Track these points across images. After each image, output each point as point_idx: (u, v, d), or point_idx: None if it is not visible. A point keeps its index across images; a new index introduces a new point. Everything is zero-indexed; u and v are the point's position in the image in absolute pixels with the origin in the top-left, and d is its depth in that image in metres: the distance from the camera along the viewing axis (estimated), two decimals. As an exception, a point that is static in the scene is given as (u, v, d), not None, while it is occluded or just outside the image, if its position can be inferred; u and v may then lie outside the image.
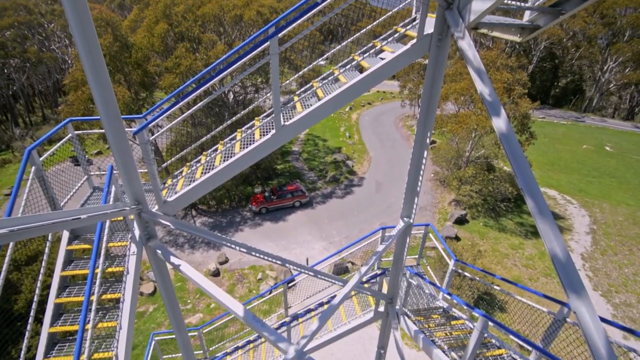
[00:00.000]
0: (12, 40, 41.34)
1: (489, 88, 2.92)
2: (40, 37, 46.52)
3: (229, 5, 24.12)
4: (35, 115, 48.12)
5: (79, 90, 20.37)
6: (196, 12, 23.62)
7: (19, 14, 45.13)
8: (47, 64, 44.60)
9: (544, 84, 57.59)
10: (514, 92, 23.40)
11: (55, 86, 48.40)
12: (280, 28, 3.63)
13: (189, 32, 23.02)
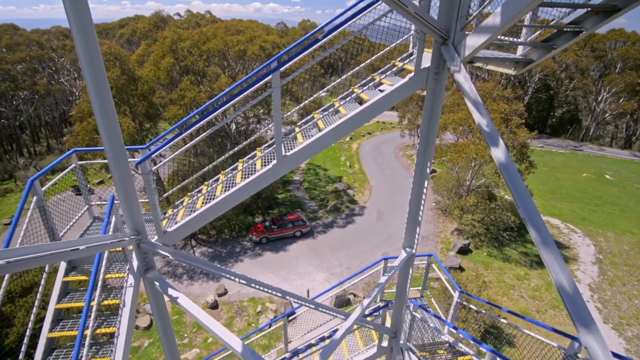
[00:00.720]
0: (22, 74, 42.77)
1: (486, 119, 2.97)
2: (50, 71, 48.15)
3: (233, 41, 25.12)
4: (40, 145, 48.87)
5: (85, 121, 20.80)
6: (202, 47, 24.58)
7: (31, 49, 47.01)
8: (55, 96, 45.88)
9: (541, 114, 58.67)
10: (512, 122, 23.81)
11: (62, 117, 49.49)
12: (282, 63, 3.76)
13: (194, 66, 23.83)
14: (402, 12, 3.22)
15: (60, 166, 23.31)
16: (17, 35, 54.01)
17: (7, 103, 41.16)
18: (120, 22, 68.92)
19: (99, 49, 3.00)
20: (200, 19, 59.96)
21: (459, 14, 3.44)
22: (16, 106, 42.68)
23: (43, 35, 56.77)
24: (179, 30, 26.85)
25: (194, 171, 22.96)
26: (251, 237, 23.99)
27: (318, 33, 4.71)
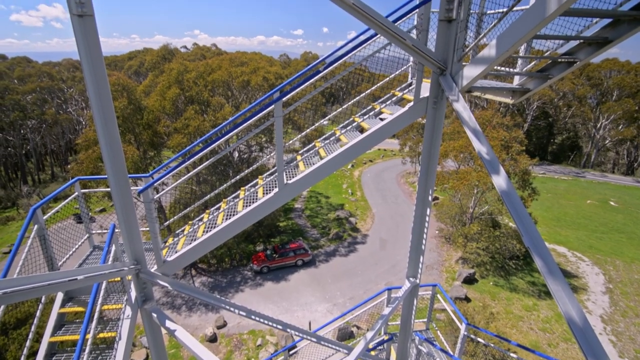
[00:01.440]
0: (32, 104, 43.99)
1: (486, 147, 3.00)
2: (59, 101, 49.53)
3: (237, 72, 25.92)
4: (44, 173, 49.39)
5: (90, 149, 21.12)
6: (207, 78, 25.33)
7: (42, 80, 48.62)
8: (62, 125, 46.92)
9: (541, 141, 59.18)
10: (512, 149, 23.98)
11: (68, 145, 50.35)
12: (284, 93, 3.85)
13: (199, 96, 24.45)
14: (400, 45, 3.33)
15: (63, 194, 23.41)
16: (30, 67, 56.04)
17: (15, 132, 42.06)
18: (129, 55, 71.61)
19: (107, 80, 3.09)
20: (206, 52, 62.19)
21: (455, 46, 3.55)
22: (24, 135, 43.57)
23: (54, 67, 58.91)
24: (185, 62, 27.79)
25: (196, 199, 22.97)
26: (252, 266, 23.60)
27: (320, 65, 4.86)
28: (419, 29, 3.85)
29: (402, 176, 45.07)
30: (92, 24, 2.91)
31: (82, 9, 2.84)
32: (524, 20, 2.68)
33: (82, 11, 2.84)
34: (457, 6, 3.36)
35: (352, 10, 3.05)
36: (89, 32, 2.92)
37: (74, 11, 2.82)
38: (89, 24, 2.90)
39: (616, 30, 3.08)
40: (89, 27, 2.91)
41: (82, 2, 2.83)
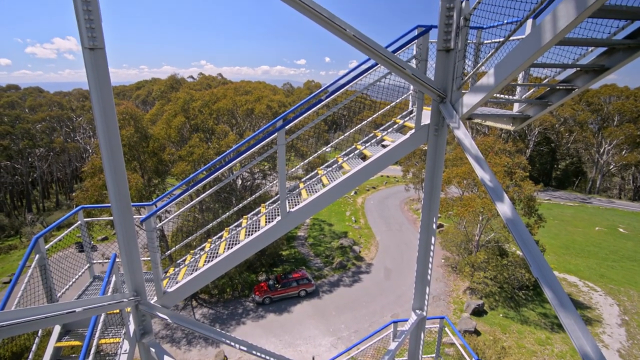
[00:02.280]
0: (41, 132, 45.00)
1: (489, 174, 2.98)
2: (68, 129, 50.66)
3: (242, 100, 26.55)
4: (49, 201, 49.69)
5: (96, 177, 21.32)
6: (212, 106, 25.92)
7: (52, 109, 49.98)
8: (70, 153, 47.72)
9: (544, 167, 59.09)
10: (516, 175, 23.91)
11: (74, 173, 50.96)
12: (287, 121, 3.91)
13: (204, 124, 24.93)
14: (400, 74, 3.40)
15: (66, 222, 23.41)
16: (41, 97, 57.80)
17: (23, 160, 42.76)
18: (137, 85, 73.90)
19: (114, 110, 3.17)
20: (211, 81, 64.06)
21: (454, 75, 3.62)
22: (31, 163, 44.26)
23: (64, 97, 60.69)
24: (191, 92, 28.57)
25: (198, 227, 22.85)
26: (254, 297, 23.04)
27: (322, 93, 4.96)
28: (418, 58, 3.95)
29: (406, 203, 44.82)
30: (103, 56, 3.02)
31: (94, 43, 2.96)
32: (521, 50, 2.74)
33: (94, 44, 2.96)
34: (454, 37, 3.46)
35: (353, 42, 3.15)
36: (99, 64, 3.02)
37: (85, 44, 2.93)
38: (99, 56, 3.01)
39: (612, 58, 3.14)
40: (99, 59, 3.01)
41: (94, 35, 2.95)
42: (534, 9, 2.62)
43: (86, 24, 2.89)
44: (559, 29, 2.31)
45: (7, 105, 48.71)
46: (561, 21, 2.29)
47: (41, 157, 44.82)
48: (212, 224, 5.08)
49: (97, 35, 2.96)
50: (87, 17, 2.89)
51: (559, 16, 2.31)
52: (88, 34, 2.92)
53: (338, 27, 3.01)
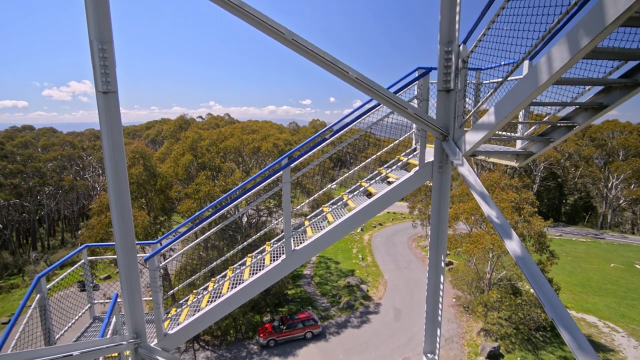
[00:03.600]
0: (52, 171, 45.97)
1: (495, 211, 2.95)
2: (78, 168, 51.74)
3: (249, 139, 27.17)
4: (54, 239, 49.69)
5: (103, 215, 21.45)
6: (219, 145, 26.52)
7: (64, 149, 51.40)
8: (78, 191, 48.37)
9: (552, 202, 58.31)
10: (524, 210, 23.57)
11: (81, 211, 51.33)
12: (292, 160, 3.97)
13: (211, 162, 25.37)
14: (402, 114, 3.49)
15: (70, 260, 23.25)
16: (54, 136, 59.71)
17: (32, 198, 43.34)
18: (147, 125, 76.33)
19: (123, 151, 3.26)
20: (219, 121, 65.99)
21: (455, 114, 3.71)
22: (39, 201, 44.80)
23: (77, 137, 62.63)
24: (199, 131, 29.39)
25: (202, 266, 22.51)
26: (258, 340, 22.11)
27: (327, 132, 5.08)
28: (420, 98, 4.08)
29: (414, 240, 44.04)
30: (115, 99, 3.17)
31: (107, 87, 3.11)
32: (519, 90, 2.82)
33: (107, 88, 3.12)
34: (454, 78, 3.59)
35: (356, 84, 3.28)
36: (111, 106, 3.16)
37: (99, 88, 3.09)
38: (112, 99, 3.16)
39: (610, 96, 3.21)
40: (112, 102, 3.16)
41: (107, 80, 3.11)
42: (529, 51, 2.74)
43: (101, 69, 3.06)
44: (554, 69, 2.38)
45: (20, 145, 50.32)
46: (556, 62, 2.38)
47: (50, 195, 45.48)
48: (217, 262, 5.02)
49: (111, 79, 3.13)
50: (102, 63, 3.07)
51: (553, 58, 2.40)
52: (102, 79, 3.08)
53: (341, 71, 3.14)
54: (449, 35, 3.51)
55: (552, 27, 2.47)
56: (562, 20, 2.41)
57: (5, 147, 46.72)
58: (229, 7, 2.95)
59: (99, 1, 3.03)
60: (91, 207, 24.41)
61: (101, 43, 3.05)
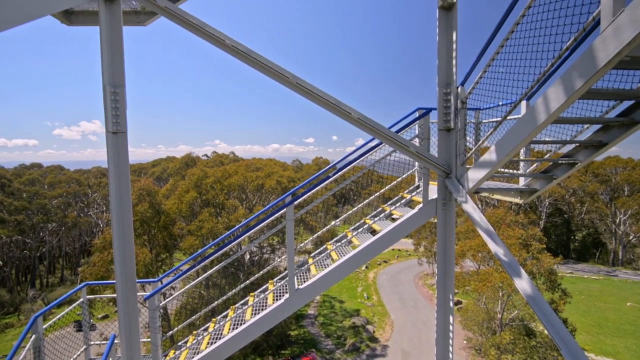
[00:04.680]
0: (56, 207, 46.17)
1: (502, 248, 2.91)
2: (82, 204, 51.97)
3: (252, 176, 27.43)
4: (54, 276, 48.88)
5: (106, 252, 21.27)
6: (224, 182, 26.76)
7: (70, 186, 51.95)
8: (81, 228, 48.25)
9: (560, 238, 57.13)
10: (532, 247, 23.08)
11: (82, 247, 50.89)
12: (296, 197, 4.00)
13: (215, 199, 25.47)
14: (404, 152, 3.56)
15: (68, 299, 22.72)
16: (61, 174, 60.58)
17: (34, 234, 43.21)
18: (153, 163, 77.57)
19: (129, 189, 3.31)
20: (224, 159, 66.94)
21: (457, 152, 3.77)
22: (42, 237, 44.62)
23: (83, 174, 63.50)
24: (205, 169, 29.79)
25: (203, 305, 21.88)
26: (259, 384, 20.97)
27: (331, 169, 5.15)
28: (421, 137, 4.17)
29: (420, 278, 42.87)
30: (124, 139, 3.27)
31: (117, 127, 3.23)
32: (518, 129, 2.88)
33: (117, 129, 3.23)
34: (453, 117, 3.69)
35: (358, 124, 3.37)
36: (120, 146, 3.26)
37: (109, 129, 3.20)
38: (121, 139, 3.26)
39: (608, 134, 3.27)
40: (120, 142, 3.26)
41: (118, 121, 3.23)
42: (525, 92, 2.83)
43: (112, 111, 3.19)
44: (551, 110, 2.45)
45: (28, 182, 51.02)
46: (552, 103, 2.45)
47: (52, 231, 45.40)
48: (218, 301, 4.89)
49: (121, 120, 3.25)
50: (114, 105, 3.20)
51: (549, 99, 2.48)
52: (113, 120, 3.20)
53: (344, 112, 3.25)
54: (447, 77, 3.65)
55: (546, 70, 2.58)
56: (555, 63, 2.52)
57: (12, 185, 47.38)
58: (239, 55, 3.13)
59: (114, 48, 3.22)
60: (94, 243, 24.28)
61: (114, 87, 3.20)
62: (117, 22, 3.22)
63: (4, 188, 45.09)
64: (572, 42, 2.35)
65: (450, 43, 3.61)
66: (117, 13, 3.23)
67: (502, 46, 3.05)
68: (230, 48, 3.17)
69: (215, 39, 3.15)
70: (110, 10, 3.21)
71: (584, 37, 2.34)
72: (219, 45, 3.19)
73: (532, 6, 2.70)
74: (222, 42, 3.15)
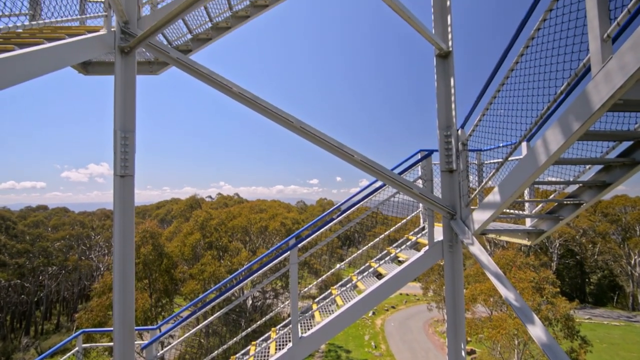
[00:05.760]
0: (58, 250, 45.73)
1: (513, 292, 2.81)
2: (84, 247, 51.50)
3: (256, 218, 27.36)
4: (50, 322, 47.23)
5: (104, 296, 20.73)
6: (227, 224, 26.64)
7: (73, 228, 51.85)
8: (81, 271, 47.44)
9: (574, 281, 54.95)
10: (545, 291, 22.16)
11: (81, 292, 49.66)
12: (300, 240, 3.95)
13: (218, 242, 25.22)
14: (408, 194, 3.56)
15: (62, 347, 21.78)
16: (66, 216, 60.74)
17: (34, 278, 42.43)
18: (158, 204, 77.94)
19: (133, 233, 3.30)
20: (228, 200, 67.21)
21: (460, 193, 3.77)
22: (41, 281, 43.78)
23: (87, 217, 63.65)
24: (210, 210, 29.83)
25: (202, 355, 20.84)
26: None
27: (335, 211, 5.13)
28: (424, 178, 4.19)
29: (430, 324, 40.86)
30: (131, 182, 3.33)
31: (125, 171, 3.30)
32: (520, 170, 2.90)
33: (125, 172, 3.29)
34: (455, 159, 3.73)
35: (361, 166, 3.42)
36: (127, 189, 3.30)
37: (117, 172, 3.27)
38: (128, 182, 3.32)
39: (611, 175, 3.27)
40: (128, 185, 3.31)
41: (126, 165, 3.31)
42: (524, 134, 2.89)
43: (121, 155, 3.28)
44: (551, 152, 2.49)
45: (32, 224, 51.11)
46: (552, 145, 2.49)
47: (52, 275, 44.65)
48: (218, 351, 4.67)
49: (129, 164, 3.32)
50: (123, 149, 3.30)
51: (548, 141, 2.52)
52: (121, 164, 3.28)
53: (347, 154, 3.32)
54: (447, 120, 3.76)
55: (543, 113, 2.65)
56: (551, 107, 2.60)
57: (17, 227, 47.46)
58: (245, 101, 3.27)
59: (127, 96, 3.39)
60: (94, 287, 23.74)
61: (124, 132, 3.32)
62: (131, 72, 3.42)
63: (8, 230, 45.12)
64: (565, 86, 2.43)
65: (449, 88, 3.76)
66: (132, 64, 3.43)
67: (499, 90, 3.16)
68: (237, 95, 3.32)
69: (223, 86, 3.31)
70: (126, 62, 3.41)
71: (577, 81, 2.43)
72: (227, 92, 3.34)
73: (524, 54, 2.84)
74: (230, 89, 3.31)
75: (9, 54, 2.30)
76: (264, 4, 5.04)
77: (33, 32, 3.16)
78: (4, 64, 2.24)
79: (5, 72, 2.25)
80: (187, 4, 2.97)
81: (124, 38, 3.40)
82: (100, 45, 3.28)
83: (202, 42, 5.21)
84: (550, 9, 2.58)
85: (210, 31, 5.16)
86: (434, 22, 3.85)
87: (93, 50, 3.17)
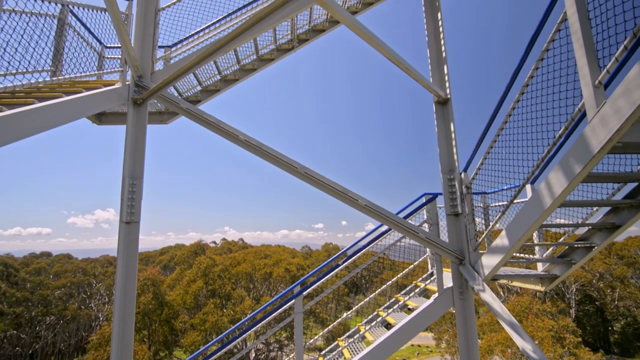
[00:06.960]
0: (57, 299, 44.51)
1: (530, 343, 2.65)
2: (85, 295, 50.15)
3: (260, 264, 26.79)
4: (41, 379, 44.69)
5: (102, 349, 19.81)
6: (231, 270, 26.06)
7: (75, 275, 50.91)
8: (80, 321, 45.75)
9: (596, 329, 51.66)
10: (566, 341, 20.81)
11: (77, 344, 47.50)
12: (305, 287, 3.84)
13: (221, 289, 24.50)
14: (414, 238, 3.51)
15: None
16: (69, 263, 59.93)
17: (31, 329, 40.90)
18: (162, 250, 77.03)
19: (135, 280, 3.25)
20: (233, 246, 66.33)
21: (467, 236, 3.70)
22: (38, 332, 42.14)
23: (90, 263, 62.75)
24: (213, 256, 29.34)
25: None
26: None
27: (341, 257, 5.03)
28: (430, 222, 4.15)
29: (445, 379, 38.02)
30: (136, 229, 3.33)
31: (131, 217, 3.31)
32: (526, 213, 2.87)
33: (131, 219, 3.31)
34: (460, 202, 3.72)
35: (366, 211, 3.41)
36: (132, 235, 3.30)
37: (123, 219, 3.28)
38: (133, 229, 3.32)
39: (620, 216, 3.22)
40: (133, 231, 3.31)
41: (132, 211, 3.33)
42: (527, 177, 2.90)
43: (128, 202, 3.32)
44: (555, 194, 2.47)
45: (34, 271, 50.40)
46: (556, 188, 2.48)
47: (50, 325, 43.09)
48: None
49: (136, 211, 3.35)
50: (130, 196, 3.34)
51: (552, 183, 2.52)
52: (128, 210, 3.31)
53: (351, 199, 3.33)
54: (449, 164, 3.80)
55: (544, 156, 2.68)
56: (551, 150, 2.63)
57: (18, 274, 46.77)
58: (251, 148, 3.36)
59: (137, 145, 3.50)
60: (91, 339, 22.77)
61: (132, 179, 3.39)
62: (142, 122, 3.57)
63: (9, 278, 44.40)
64: (563, 130, 2.48)
65: (449, 133, 3.84)
66: (144, 114, 3.60)
67: (499, 135, 3.23)
68: (243, 142, 3.42)
69: (230, 134, 3.43)
70: (138, 112, 3.58)
71: (575, 125, 2.48)
72: (234, 140, 3.45)
73: (520, 100, 2.94)
74: (236, 137, 3.42)
75: (28, 107, 2.44)
76: (269, 58, 5.37)
77: (53, 86, 3.37)
78: (23, 117, 2.37)
79: (23, 123, 2.37)
80: (198, 59, 3.17)
81: (137, 90, 3.60)
82: (115, 98, 3.46)
83: (211, 93, 5.48)
84: (542, 58, 2.71)
85: (219, 83, 5.44)
86: (431, 72, 4.04)
87: (108, 102, 3.35)
